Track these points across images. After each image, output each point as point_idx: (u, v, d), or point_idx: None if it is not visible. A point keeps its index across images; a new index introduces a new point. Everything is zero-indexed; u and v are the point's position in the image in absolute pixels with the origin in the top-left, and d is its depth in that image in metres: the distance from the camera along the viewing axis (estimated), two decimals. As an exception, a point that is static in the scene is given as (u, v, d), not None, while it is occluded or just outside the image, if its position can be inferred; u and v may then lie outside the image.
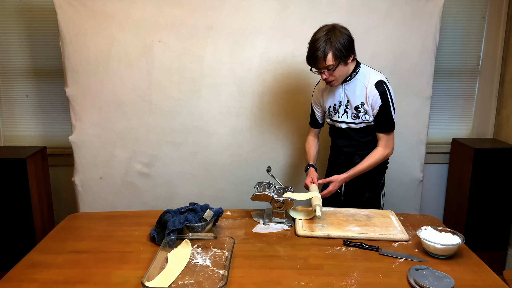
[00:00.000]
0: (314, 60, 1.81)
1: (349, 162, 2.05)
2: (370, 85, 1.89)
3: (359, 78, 1.91)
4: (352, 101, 1.93)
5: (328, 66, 1.80)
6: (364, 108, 1.91)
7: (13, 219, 2.57)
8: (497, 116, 2.97)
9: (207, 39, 2.46)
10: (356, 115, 1.94)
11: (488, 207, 2.75)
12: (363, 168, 1.95)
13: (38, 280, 1.39)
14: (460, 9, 2.81)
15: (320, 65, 1.81)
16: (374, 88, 1.88)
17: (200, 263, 1.46)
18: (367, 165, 1.95)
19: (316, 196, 1.81)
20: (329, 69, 1.81)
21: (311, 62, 1.83)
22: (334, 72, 1.83)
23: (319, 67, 1.82)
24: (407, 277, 1.38)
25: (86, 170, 2.60)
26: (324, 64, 1.79)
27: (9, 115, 2.93)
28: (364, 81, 1.90)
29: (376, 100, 1.88)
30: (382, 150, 1.96)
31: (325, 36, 1.78)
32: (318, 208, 1.72)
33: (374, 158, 1.95)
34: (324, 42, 1.77)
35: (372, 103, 1.89)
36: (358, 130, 1.99)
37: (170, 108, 2.54)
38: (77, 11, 2.40)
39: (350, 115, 1.96)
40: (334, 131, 2.10)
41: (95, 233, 1.75)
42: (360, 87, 1.91)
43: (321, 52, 1.76)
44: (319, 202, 1.76)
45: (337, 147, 2.10)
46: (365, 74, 1.92)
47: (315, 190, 1.89)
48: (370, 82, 1.89)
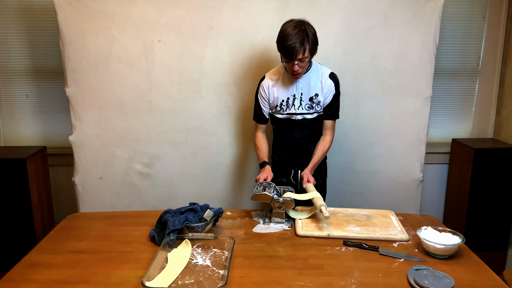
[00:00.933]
0: (293, 52, 1.87)
1: (306, 153, 2.17)
2: (325, 77, 2.06)
3: (313, 71, 2.06)
4: (306, 93, 2.06)
5: (303, 58, 1.90)
6: (318, 99, 2.06)
7: (13, 219, 2.57)
8: (497, 116, 2.97)
9: (207, 39, 2.47)
10: (310, 106, 2.07)
11: (488, 207, 2.75)
12: (320, 157, 2.10)
13: (38, 280, 1.39)
14: (460, 9, 2.81)
15: (298, 56, 1.88)
16: (329, 79, 2.06)
17: (200, 263, 1.46)
18: (323, 153, 2.11)
19: (318, 196, 1.82)
20: (302, 61, 1.91)
21: (289, 54, 1.88)
22: (304, 64, 1.93)
23: (295, 59, 1.89)
24: (407, 277, 1.38)
25: (86, 170, 2.60)
26: (301, 55, 1.88)
27: (9, 115, 2.93)
28: (318, 75, 2.06)
29: (331, 90, 2.06)
30: (330, 136, 2.14)
31: (301, 29, 1.87)
32: (324, 208, 1.72)
33: (327, 145, 2.13)
34: (302, 34, 1.86)
35: (326, 93, 2.06)
36: (312, 120, 2.12)
37: (170, 108, 2.54)
38: (77, 11, 2.40)
39: (305, 106, 2.08)
40: (289, 125, 2.15)
41: (95, 233, 1.75)
42: (314, 80, 2.05)
43: (300, 44, 1.85)
44: (322, 202, 1.76)
45: (292, 140, 2.17)
46: (317, 68, 2.07)
47: (313, 189, 1.90)
48: (324, 75, 2.06)
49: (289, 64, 1.93)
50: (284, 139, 2.20)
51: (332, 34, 2.46)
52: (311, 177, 2.01)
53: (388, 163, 2.62)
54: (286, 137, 2.18)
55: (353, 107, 2.54)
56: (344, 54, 2.49)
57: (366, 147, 2.61)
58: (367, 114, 2.56)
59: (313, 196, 1.83)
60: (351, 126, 2.57)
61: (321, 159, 2.12)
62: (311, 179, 1.99)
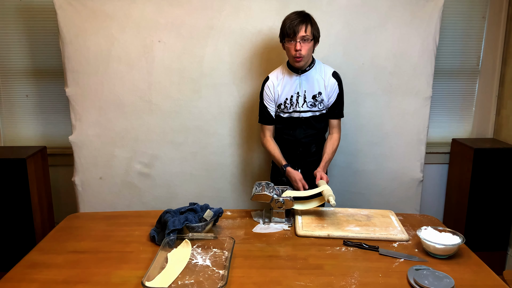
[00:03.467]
0: (295, 27, 1.91)
1: (306, 152, 2.18)
2: (328, 76, 2.07)
3: (315, 69, 2.08)
4: (309, 91, 2.07)
5: (305, 36, 1.92)
6: (321, 97, 2.07)
7: (13, 219, 2.57)
8: (497, 116, 2.97)
9: (207, 39, 2.47)
10: (313, 104, 2.09)
11: (488, 207, 2.75)
12: (331, 155, 2.12)
13: (38, 280, 1.39)
14: (460, 9, 2.81)
15: (300, 33, 1.91)
16: (332, 78, 2.08)
17: (200, 263, 1.46)
18: (333, 150, 2.13)
19: (327, 188, 1.84)
20: (304, 40, 1.92)
21: (291, 30, 1.92)
22: (306, 45, 1.94)
23: (298, 36, 1.91)
24: (407, 277, 1.38)
25: (86, 170, 2.60)
26: (303, 33, 1.92)
27: (9, 115, 2.93)
28: (320, 73, 2.08)
29: (334, 89, 2.08)
30: (337, 135, 2.16)
31: (303, 13, 1.96)
32: (332, 198, 1.74)
33: (335, 143, 2.15)
34: (304, 15, 1.95)
35: (330, 92, 2.08)
36: (315, 119, 2.13)
37: (170, 108, 2.54)
38: (77, 11, 2.40)
39: (308, 104, 2.09)
40: (292, 123, 2.15)
41: (95, 233, 1.75)
42: (317, 78, 2.07)
43: (302, 21, 1.92)
44: (331, 193, 1.78)
45: (294, 139, 2.17)
46: (319, 66, 2.09)
47: (324, 184, 1.90)
48: (327, 73, 2.08)
49: (291, 44, 1.95)
50: (285, 137, 2.20)
51: (332, 34, 2.46)
52: (324, 174, 2.00)
53: (388, 163, 2.62)
54: (288, 135, 2.18)
55: (353, 107, 2.53)
56: (344, 54, 2.49)
57: (366, 147, 2.61)
58: (367, 114, 2.56)
59: (323, 189, 1.84)
60: (351, 126, 2.57)
61: (332, 157, 2.14)
62: (324, 176, 1.99)
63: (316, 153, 2.19)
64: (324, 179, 1.97)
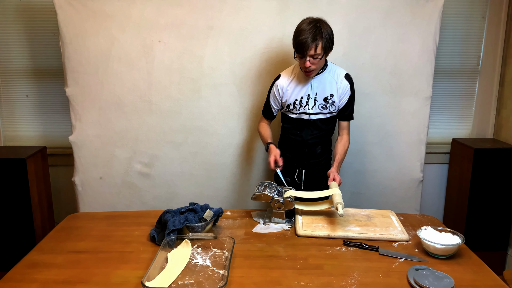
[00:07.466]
0: (304, 47, 1.88)
1: (312, 153, 2.17)
2: (340, 78, 2.07)
3: (328, 72, 2.07)
4: (321, 93, 2.06)
5: (315, 55, 1.90)
6: (333, 99, 2.07)
7: (13, 219, 2.57)
8: (497, 116, 2.97)
9: (207, 39, 2.47)
10: (324, 106, 2.08)
11: (488, 207, 2.75)
12: (343, 155, 2.13)
13: (38, 280, 1.39)
14: (460, 9, 2.81)
15: (309, 52, 1.88)
16: (345, 80, 2.07)
17: (200, 263, 1.46)
18: (344, 151, 2.13)
19: (338, 193, 1.79)
20: (314, 58, 1.91)
21: (301, 49, 1.89)
22: (316, 61, 1.92)
23: (307, 55, 1.90)
24: (407, 277, 1.38)
25: (86, 170, 2.60)
26: (313, 52, 1.88)
27: (9, 115, 2.93)
28: (333, 75, 2.07)
29: (346, 91, 2.08)
30: (347, 136, 2.17)
31: (315, 26, 1.88)
32: (340, 206, 1.71)
33: (346, 143, 2.15)
34: (315, 30, 1.87)
35: (342, 94, 2.07)
36: (324, 121, 2.12)
37: (170, 108, 2.54)
38: (77, 11, 2.40)
39: (318, 106, 2.08)
40: (299, 124, 2.14)
41: (95, 233, 1.75)
42: (329, 80, 2.06)
43: (312, 39, 1.86)
44: (340, 200, 1.74)
45: (300, 140, 2.16)
46: (332, 68, 2.08)
47: (336, 187, 1.88)
48: (340, 75, 2.07)
49: (301, 60, 1.95)
50: (291, 138, 2.19)
51: (332, 34, 2.46)
52: (337, 176, 1.98)
53: (388, 163, 2.62)
54: (295, 136, 2.17)
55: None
56: (344, 54, 2.48)
57: (366, 147, 2.61)
58: (367, 114, 2.56)
59: (333, 193, 1.81)
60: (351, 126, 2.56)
61: (343, 158, 2.13)
62: (337, 178, 1.96)
63: (321, 154, 2.19)
64: (337, 180, 1.95)
